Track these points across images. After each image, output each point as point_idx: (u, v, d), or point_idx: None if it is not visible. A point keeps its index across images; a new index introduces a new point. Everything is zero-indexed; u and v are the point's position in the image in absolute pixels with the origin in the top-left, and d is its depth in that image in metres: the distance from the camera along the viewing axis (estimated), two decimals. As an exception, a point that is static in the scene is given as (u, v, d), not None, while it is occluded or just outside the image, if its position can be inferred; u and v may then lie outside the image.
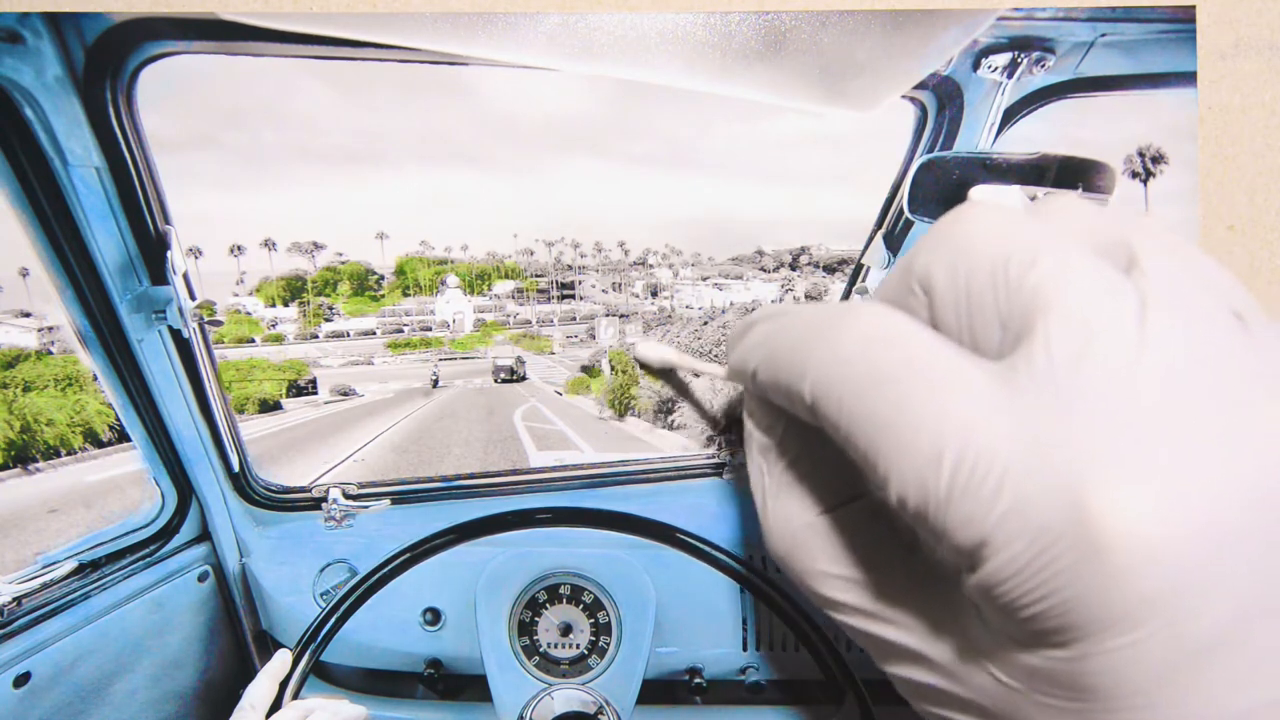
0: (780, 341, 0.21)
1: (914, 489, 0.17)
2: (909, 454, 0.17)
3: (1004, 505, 0.16)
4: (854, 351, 0.18)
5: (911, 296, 0.20)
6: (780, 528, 0.23)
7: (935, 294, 0.19)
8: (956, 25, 0.41)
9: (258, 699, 0.41)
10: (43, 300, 0.43)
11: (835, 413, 0.19)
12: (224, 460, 0.46)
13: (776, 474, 0.24)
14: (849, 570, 0.22)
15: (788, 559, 0.23)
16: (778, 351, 0.21)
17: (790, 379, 0.20)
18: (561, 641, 0.46)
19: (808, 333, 0.20)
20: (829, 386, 0.19)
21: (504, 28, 0.41)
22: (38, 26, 0.39)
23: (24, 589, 0.42)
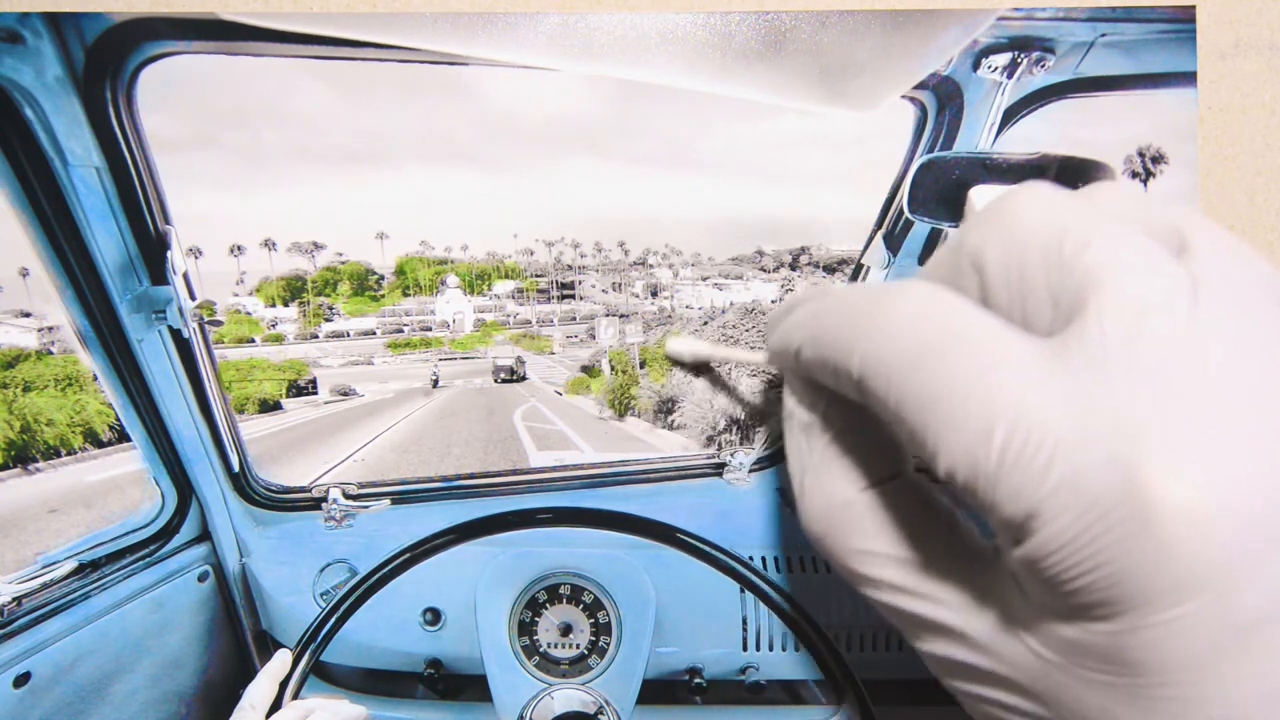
0: (827, 319, 0.21)
1: (964, 462, 0.17)
2: (959, 427, 0.17)
3: (1055, 478, 0.16)
4: (903, 326, 0.19)
5: (961, 275, 0.20)
6: (819, 505, 0.23)
7: (987, 272, 0.19)
8: (956, 25, 0.41)
9: (258, 699, 0.41)
10: (43, 300, 0.43)
11: (884, 388, 0.19)
12: (224, 460, 0.46)
13: (818, 450, 0.24)
14: (888, 547, 0.22)
15: (826, 537, 0.23)
16: (824, 328, 0.21)
17: (838, 355, 0.20)
18: (561, 641, 0.46)
19: (855, 309, 0.20)
20: (878, 361, 0.19)
21: (504, 28, 0.41)
22: (38, 26, 0.39)
23: (24, 589, 0.42)
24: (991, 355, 0.17)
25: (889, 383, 0.19)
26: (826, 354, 0.21)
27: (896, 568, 0.22)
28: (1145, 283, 0.17)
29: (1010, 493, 0.16)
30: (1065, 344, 0.17)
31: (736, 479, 0.46)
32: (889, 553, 0.22)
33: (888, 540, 0.22)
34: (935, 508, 0.23)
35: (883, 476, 0.23)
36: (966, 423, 0.17)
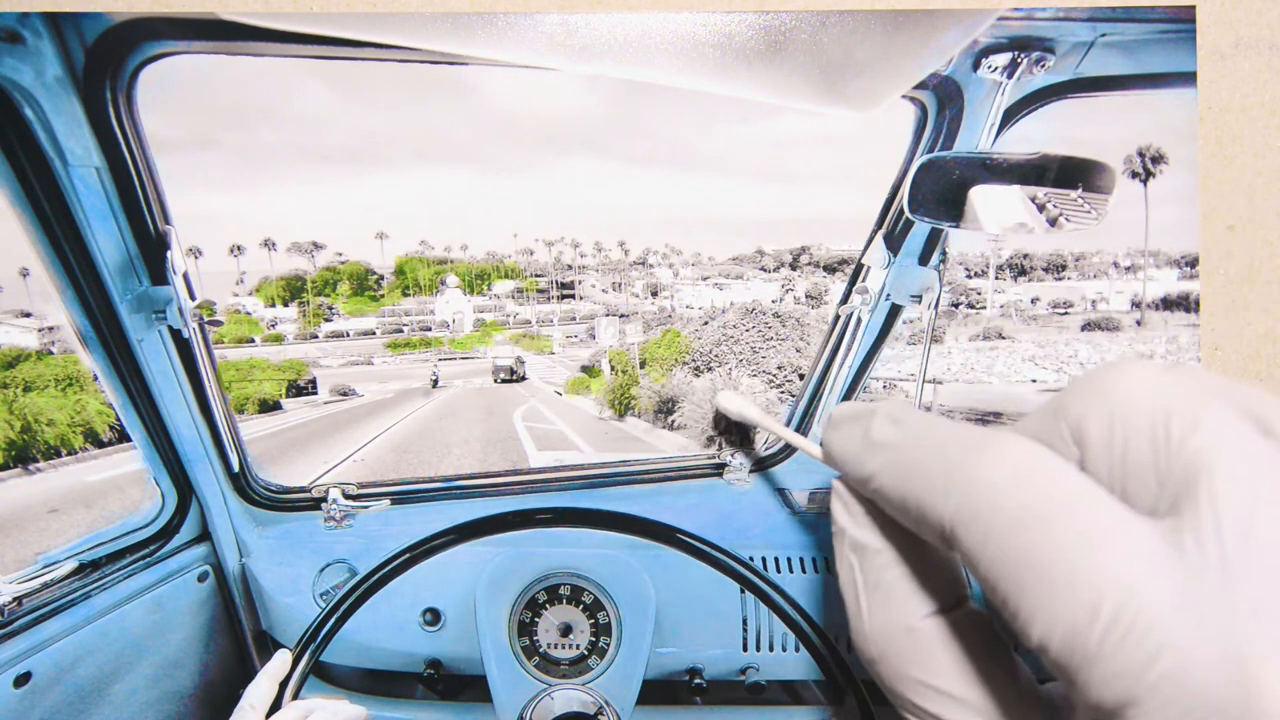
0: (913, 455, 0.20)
1: (1061, 635, 0.17)
2: (1061, 600, 0.17)
3: (1161, 668, 0.15)
4: (1008, 483, 0.18)
5: (1059, 441, 0.20)
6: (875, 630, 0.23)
7: (1088, 445, 0.19)
8: (956, 25, 0.41)
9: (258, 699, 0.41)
10: (43, 300, 0.43)
11: (979, 545, 0.18)
12: (224, 460, 0.46)
13: (873, 572, 0.23)
14: (952, 684, 0.21)
15: (881, 663, 0.23)
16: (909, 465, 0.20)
17: (926, 499, 0.20)
18: (561, 642, 0.46)
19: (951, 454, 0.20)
20: (976, 517, 0.18)
21: (504, 28, 0.41)
22: (38, 26, 0.39)
23: (24, 589, 0.42)
24: (1102, 529, 0.17)
25: (986, 540, 0.18)
26: (911, 495, 0.20)
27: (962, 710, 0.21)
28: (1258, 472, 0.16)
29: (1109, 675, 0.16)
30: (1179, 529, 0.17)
31: (736, 479, 0.46)
32: (955, 691, 0.21)
33: (953, 677, 0.21)
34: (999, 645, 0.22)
35: (947, 604, 0.22)
36: (1071, 595, 0.16)
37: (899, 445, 0.21)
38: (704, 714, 0.47)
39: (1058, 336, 0.48)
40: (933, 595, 0.22)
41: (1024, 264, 0.47)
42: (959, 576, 0.23)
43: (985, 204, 0.42)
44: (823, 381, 0.46)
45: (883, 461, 0.21)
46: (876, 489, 0.22)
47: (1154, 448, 0.18)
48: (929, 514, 0.20)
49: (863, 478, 0.22)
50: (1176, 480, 0.17)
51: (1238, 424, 0.17)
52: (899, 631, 0.22)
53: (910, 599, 0.22)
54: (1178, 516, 0.17)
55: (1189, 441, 0.17)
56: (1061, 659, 0.17)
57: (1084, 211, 0.42)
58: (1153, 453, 0.18)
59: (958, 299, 0.46)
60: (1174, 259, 0.44)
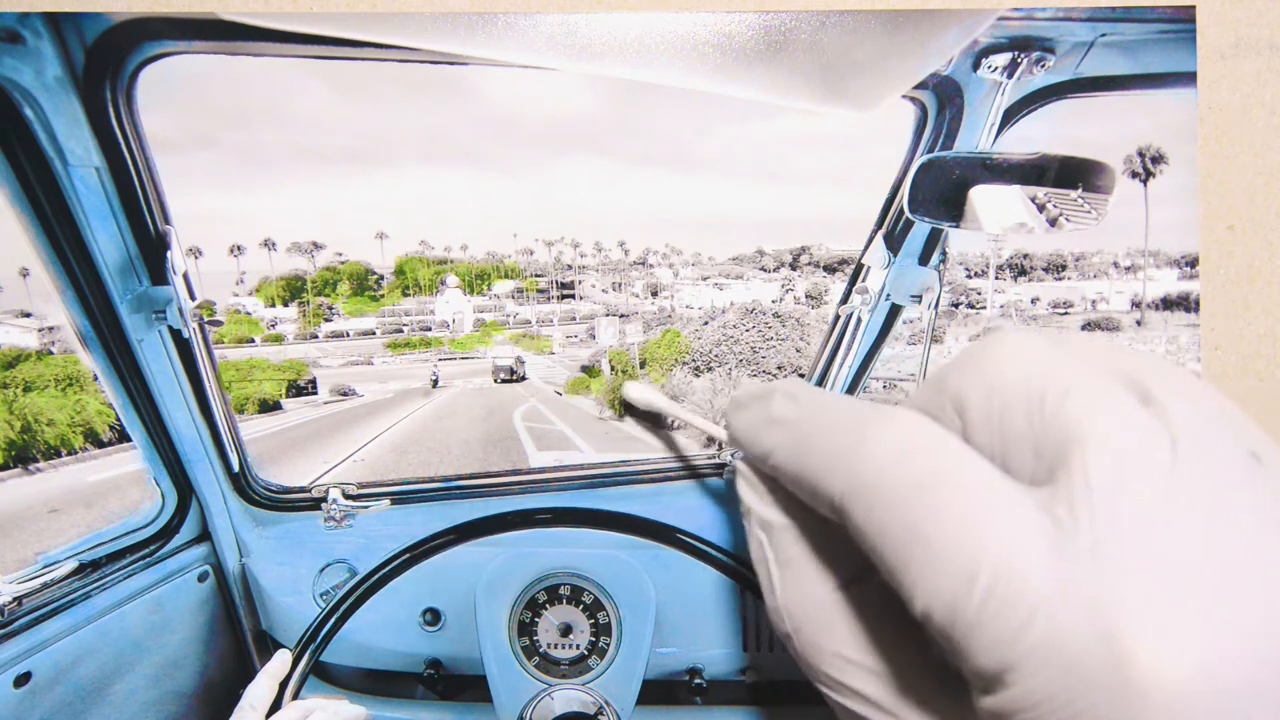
0: (806, 431, 0.21)
1: (942, 605, 0.17)
2: (941, 569, 0.17)
3: (1035, 635, 0.16)
4: (890, 457, 0.18)
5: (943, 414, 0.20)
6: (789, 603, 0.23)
7: (968, 417, 0.19)
8: (956, 25, 0.41)
9: (258, 699, 0.41)
10: (43, 300, 0.43)
11: (864, 518, 0.19)
12: (224, 460, 0.46)
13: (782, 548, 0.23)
14: (864, 656, 0.22)
15: (795, 636, 0.23)
16: (804, 442, 0.21)
17: (817, 474, 0.20)
18: (561, 642, 0.46)
19: (839, 429, 0.20)
20: (861, 490, 0.19)
21: (504, 28, 0.41)
22: (38, 26, 0.39)
23: (25, 589, 0.42)
24: (979, 501, 0.17)
25: (871, 514, 0.18)
26: (805, 470, 0.21)
27: (870, 679, 0.21)
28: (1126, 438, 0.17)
29: (987, 642, 0.16)
30: (1053, 497, 0.17)
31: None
32: (862, 661, 0.21)
33: (861, 647, 0.22)
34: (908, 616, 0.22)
35: (856, 576, 0.22)
36: (950, 565, 0.17)
37: (795, 421, 0.21)
38: (704, 714, 0.47)
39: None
40: (840, 568, 0.23)
41: (1024, 264, 0.47)
42: None
43: (985, 204, 0.42)
44: (823, 381, 0.46)
45: (779, 438, 0.22)
46: (774, 465, 0.22)
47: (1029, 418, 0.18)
48: (820, 488, 0.20)
49: (761, 454, 0.22)
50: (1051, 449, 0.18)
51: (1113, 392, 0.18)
52: (810, 605, 0.23)
53: (818, 573, 0.23)
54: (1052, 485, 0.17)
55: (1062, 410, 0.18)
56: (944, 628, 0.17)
57: (1084, 211, 0.42)
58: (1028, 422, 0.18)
59: (958, 299, 0.46)
60: (1174, 259, 0.44)
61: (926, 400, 0.21)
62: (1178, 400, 0.18)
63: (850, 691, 0.22)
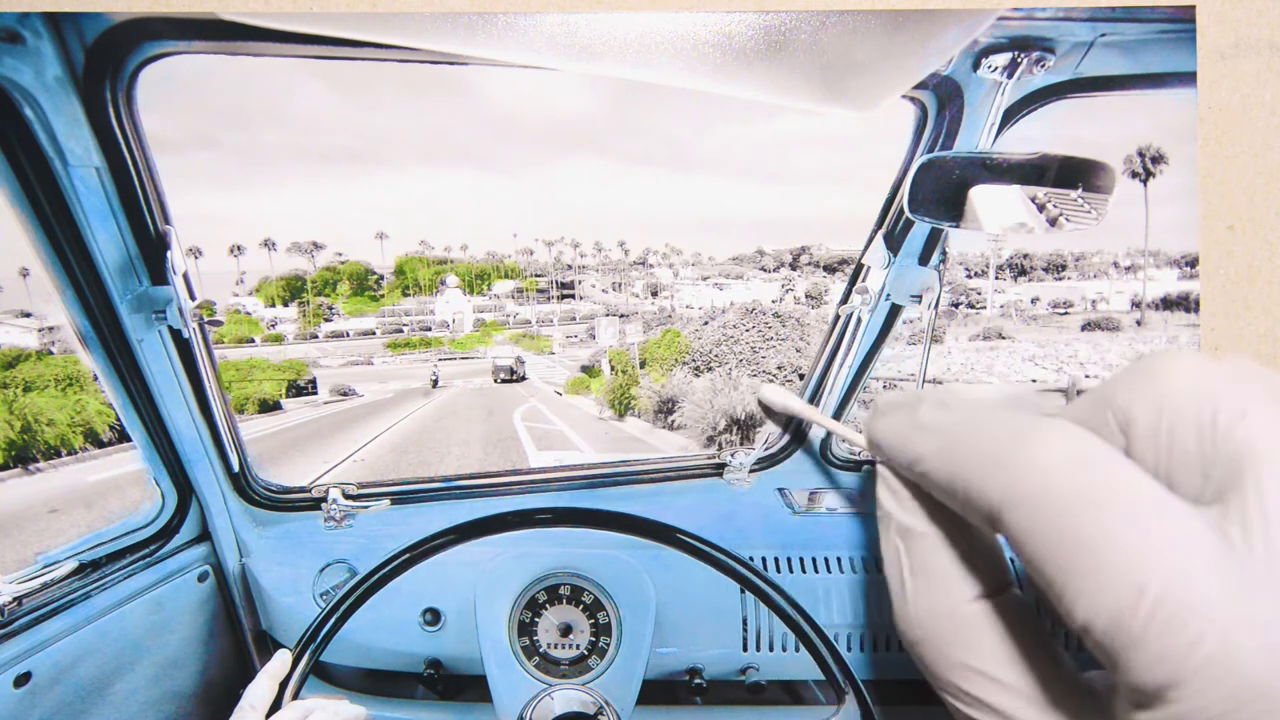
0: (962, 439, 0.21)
1: (1105, 617, 0.17)
2: (1107, 580, 0.17)
3: (1204, 652, 0.16)
4: (1058, 467, 0.18)
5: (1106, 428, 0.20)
6: (920, 612, 0.23)
7: (1134, 432, 0.19)
8: (956, 25, 0.41)
9: (258, 699, 0.41)
10: (43, 300, 0.43)
11: (1025, 526, 0.18)
12: (224, 460, 0.46)
13: (919, 555, 0.23)
14: (997, 669, 0.21)
15: (924, 645, 0.23)
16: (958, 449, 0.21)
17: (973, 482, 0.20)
18: (561, 642, 0.46)
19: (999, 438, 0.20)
20: (1025, 499, 0.19)
21: (504, 28, 0.41)
22: (38, 26, 0.39)
23: (24, 589, 0.42)
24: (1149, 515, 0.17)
25: (1034, 524, 0.18)
26: (959, 477, 0.20)
27: (1006, 694, 0.21)
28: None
29: (1152, 657, 0.16)
30: (1225, 517, 0.17)
31: (736, 479, 0.46)
32: (998, 675, 0.21)
33: (997, 660, 0.22)
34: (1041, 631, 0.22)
35: (992, 589, 0.22)
36: (1117, 578, 0.17)
37: (947, 429, 0.21)
38: (704, 714, 0.47)
39: (1058, 336, 0.48)
40: (977, 580, 0.23)
41: (1024, 264, 0.47)
42: (1003, 562, 0.23)
43: (985, 204, 0.42)
44: (823, 381, 0.46)
45: (931, 445, 0.22)
46: (924, 472, 0.22)
47: (1200, 437, 0.18)
48: (976, 496, 0.20)
49: (909, 460, 0.22)
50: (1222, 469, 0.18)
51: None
52: (943, 615, 0.22)
53: (955, 583, 0.23)
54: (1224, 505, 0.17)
55: (1235, 432, 0.18)
56: (1105, 640, 0.17)
57: (1084, 211, 0.42)
58: (1199, 442, 0.18)
59: (958, 299, 0.46)
60: (1174, 259, 0.44)
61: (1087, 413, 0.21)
62: None
63: (979, 703, 0.22)
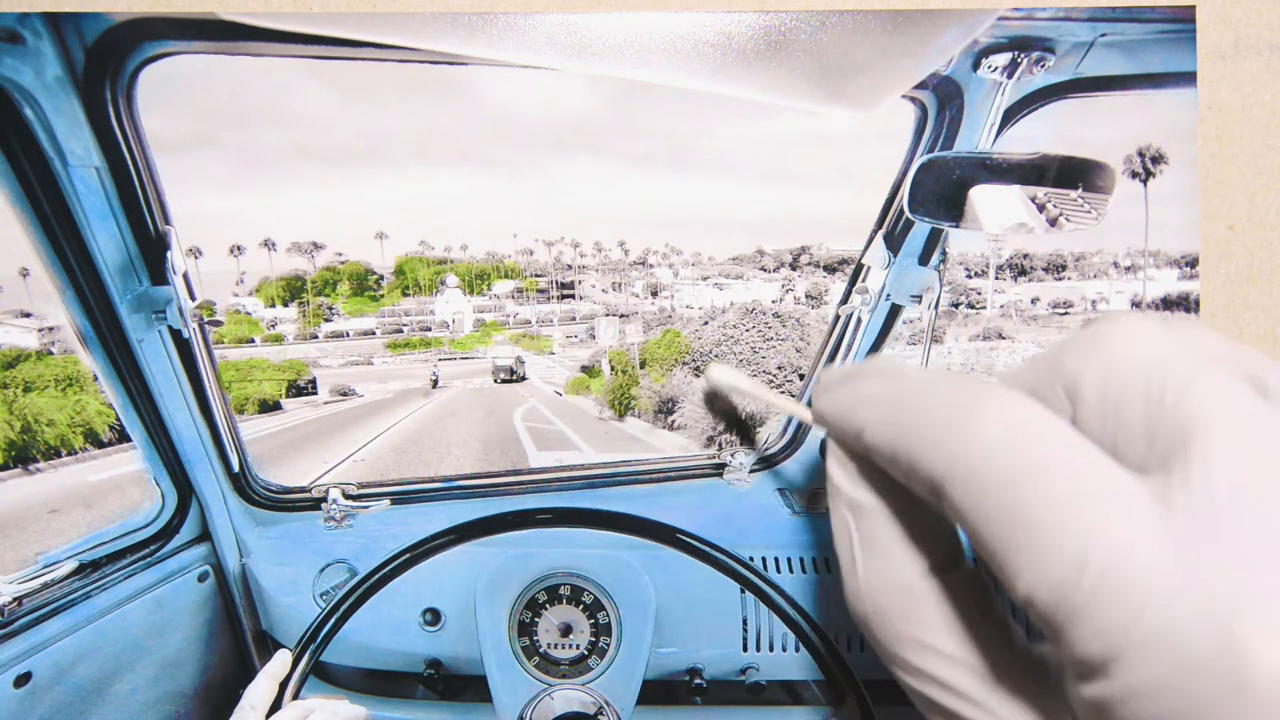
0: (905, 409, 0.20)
1: (1047, 590, 0.17)
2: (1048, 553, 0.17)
3: (1146, 625, 0.16)
4: (998, 439, 0.18)
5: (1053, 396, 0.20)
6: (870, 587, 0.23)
7: (1081, 400, 0.19)
8: (956, 25, 0.41)
9: (258, 699, 0.41)
10: (43, 300, 0.43)
11: (968, 500, 0.18)
12: (224, 460, 0.46)
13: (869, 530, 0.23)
14: (948, 644, 0.21)
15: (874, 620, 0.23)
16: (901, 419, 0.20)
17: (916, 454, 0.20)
18: (561, 642, 0.46)
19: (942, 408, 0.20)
20: (966, 472, 0.18)
21: (504, 28, 0.41)
22: (38, 26, 0.39)
23: (25, 589, 0.42)
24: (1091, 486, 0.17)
25: (976, 495, 0.18)
26: (902, 448, 0.20)
27: (955, 669, 0.21)
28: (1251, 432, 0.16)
29: (1094, 629, 0.16)
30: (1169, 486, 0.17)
31: (736, 479, 0.46)
32: (947, 649, 0.21)
33: (947, 635, 0.21)
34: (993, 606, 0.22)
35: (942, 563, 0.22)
36: (1059, 549, 0.16)
37: (890, 398, 0.21)
38: (704, 714, 0.47)
39: (1058, 336, 0.48)
40: (927, 554, 0.22)
41: (1024, 264, 0.47)
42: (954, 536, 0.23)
43: (985, 204, 0.42)
44: (823, 381, 0.46)
45: (874, 416, 0.21)
46: (869, 442, 0.22)
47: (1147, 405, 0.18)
48: (919, 467, 0.20)
49: (854, 432, 0.22)
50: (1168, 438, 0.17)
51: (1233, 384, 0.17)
52: (893, 589, 0.22)
53: (905, 557, 0.22)
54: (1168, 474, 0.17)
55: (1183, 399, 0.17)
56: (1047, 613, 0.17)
57: (1084, 211, 0.42)
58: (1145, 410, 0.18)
59: (958, 299, 0.46)
60: (1174, 259, 0.44)
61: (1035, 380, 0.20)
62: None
63: (930, 679, 0.22)
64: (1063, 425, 0.18)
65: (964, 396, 0.19)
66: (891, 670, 0.23)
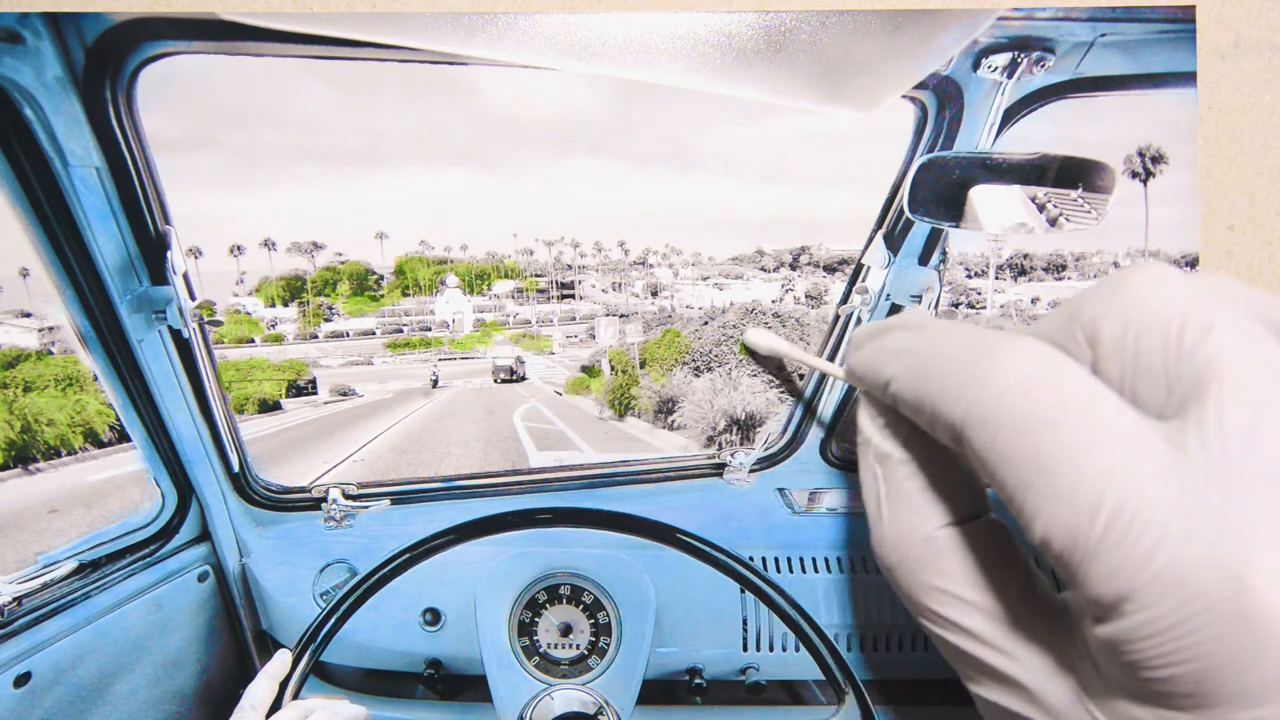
0: (928, 359, 0.21)
1: (1062, 531, 0.17)
2: (1063, 496, 0.17)
3: (1158, 565, 0.16)
4: (1016, 386, 0.18)
5: (1072, 343, 0.20)
6: (896, 537, 0.23)
7: (1101, 346, 0.19)
8: (956, 25, 0.41)
9: (258, 699, 0.41)
10: (43, 300, 0.43)
11: (987, 445, 0.19)
12: (224, 460, 0.46)
13: (896, 481, 0.23)
14: (968, 590, 0.22)
15: (899, 569, 0.23)
16: (924, 369, 0.21)
17: (939, 402, 0.20)
18: (561, 642, 0.46)
19: (963, 356, 0.20)
20: (985, 418, 0.19)
21: (504, 28, 0.41)
22: (38, 26, 0.39)
23: (24, 589, 0.42)
24: (1109, 431, 0.17)
25: (994, 441, 0.18)
26: (925, 396, 0.20)
27: (975, 614, 0.21)
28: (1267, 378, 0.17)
29: (1107, 571, 0.16)
30: (1184, 431, 0.17)
31: (737, 479, 0.46)
32: (968, 597, 0.22)
33: (968, 583, 0.22)
34: (1017, 555, 0.22)
35: (966, 515, 0.22)
36: (1074, 493, 0.17)
37: (915, 349, 0.21)
38: (704, 714, 0.47)
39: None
40: (952, 505, 0.23)
41: (1024, 264, 0.47)
42: (980, 488, 0.23)
43: (985, 204, 0.42)
44: (822, 381, 0.46)
45: (900, 366, 0.22)
46: (894, 393, 0.22)
47: (1165, 351, 0.18)
48: (941, 414, 0.20)
49: (881, 383, 0.22)
50: (1186, 384, 0.17)
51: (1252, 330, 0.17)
52: (918, 539, 0.23)
53: (930, 507, 0.23)
54: (1184, 419, 0.17)
55: (1201, 346, 0.17)
56: (1063, 555, 0.17)
57: (1084, 211, 0.42)
58: (1164, 356, 0.18)
59: (958, 299, 0.46)
60: (1174, 259, 0.44)
61: (1055, 328, 0.20)
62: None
63: (952, 625, 0.22)
64: (1080, 371, 0.19)
65: (984, 345, 0.20)
66: (916, 619, 0.23)
